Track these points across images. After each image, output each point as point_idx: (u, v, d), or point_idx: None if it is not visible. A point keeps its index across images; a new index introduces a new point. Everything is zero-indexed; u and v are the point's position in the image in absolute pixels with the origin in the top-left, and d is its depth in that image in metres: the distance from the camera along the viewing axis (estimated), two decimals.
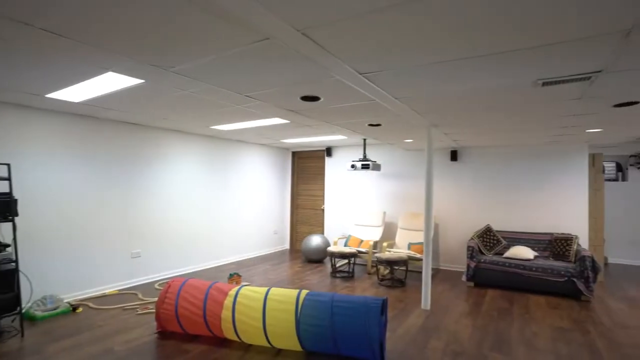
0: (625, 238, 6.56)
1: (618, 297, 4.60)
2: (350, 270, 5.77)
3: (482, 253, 5.36)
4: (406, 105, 3.27)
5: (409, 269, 6.04)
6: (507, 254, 5.07)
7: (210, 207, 6.07)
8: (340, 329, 2.78)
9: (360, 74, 2.41)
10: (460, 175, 6.23)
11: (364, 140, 5.90)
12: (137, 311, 3.88)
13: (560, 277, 4.56)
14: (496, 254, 5.38)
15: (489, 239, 5.47)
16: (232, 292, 3.14)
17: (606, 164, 6.69)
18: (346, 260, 6.54)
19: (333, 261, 5.65)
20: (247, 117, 4.12)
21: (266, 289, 3.14)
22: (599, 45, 1.91)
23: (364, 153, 5.98)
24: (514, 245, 5.45)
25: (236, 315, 3.00)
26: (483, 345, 3.20)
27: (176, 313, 3.17)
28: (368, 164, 5.65)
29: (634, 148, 6.51)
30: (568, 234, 5.14)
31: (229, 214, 6.45)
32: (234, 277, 4.67)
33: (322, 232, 7.52)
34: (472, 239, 5.49)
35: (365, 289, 4.90)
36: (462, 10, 1.55)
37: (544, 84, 2.54)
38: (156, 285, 4.84)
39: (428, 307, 4.15)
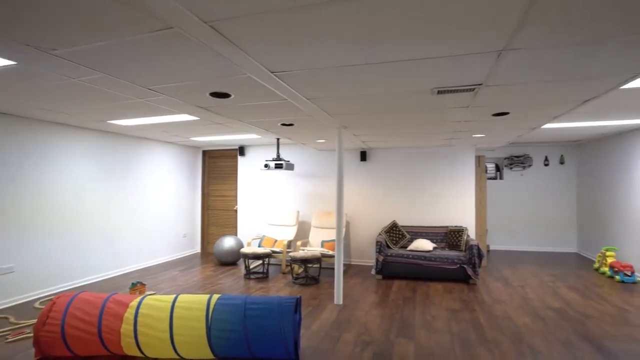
0: (503, 228, 7.69)
1: (496, 278, 5.37)
2: (265, 270, 5.71)
3: (389, 247, 5.77)
4: (317, 106, 3.35)
5: (323, 266, 6.21)
6: (410, 247, 5.55)
7: (109, 211, 5.43)
8: (254, 332, 2.72)
9: (272, 72, 2.39)
10: (370, 175, 6.63)
11: (278, 139, 5.89)
12: (6, 339, 3.26)
13: (454, 264, 5.15)
14: (401, 247, 5.85)
15: (395, 234, 5.91)
16: (134, 303, 2.85)
17: (488, 165, 7.76)
18: (260, 261, 6.45)
19: (247, 263, 5.53)
20: (151, 112, 3.79)
21: (173, 296, 2.92)
22: (479, 62, 2.19)
23: (278, 152, 5.98)
24: (416, 238, 5.98)
25: (139, 328, 2.72)
26: (390, 333, 3.44)
27: (63, 334, 2.75)
28: (281, 164, 5.66)
29: (508, 151, 7.68)
30: (459, 226, 5.83)
31: (132, 217, 5.86)
32: (137, 286, 4.25)
33: (236, 234, 7.31)
34: (380, 234, 5.88)
35: (280, 289, 4.90)
36: (369, 18, 1.63)
37: (439, 92, 2.83)
38: (36, 304, 4.15)
39: (341, 302, 4.32)
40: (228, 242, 6.29)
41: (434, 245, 5.73)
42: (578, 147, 7.30)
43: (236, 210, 7.36)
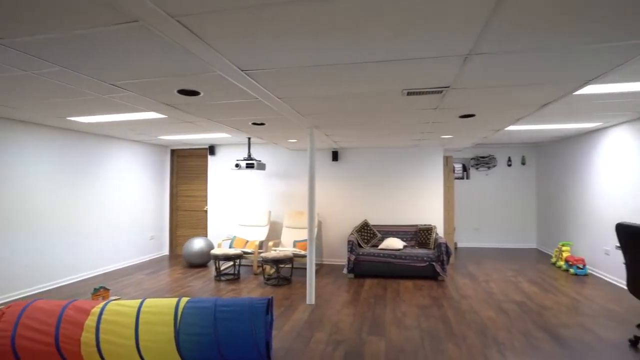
0: (470, 226, 7.98)
1: (463, 274, 5.57)
2: (236, 272, 5.62)
3: (360, 246, 5.84)
4: (289, 105, 3.33)
5: (295, 266, 6.18)
6: (381, 246, 5.64)
7: (69, 213, 5.15)
8: (225, 334, 2.66)
9: (243, 70, 2.35)
10: (341, 175, 6.68)
11: (249, 139, 5.82)
12: None
13: (423, 262, 5.28)
14: (373, 246, 5.93)
15: (366, 233, 5.99)
16: (96, 309, 2.72)
17: (455, 165, 8.03)
18: (231, 263, 6.34)
19: (217, 264, 5.42)
20: (115, 109, 3.63)
21: (139, 301, 2.81)
22: (446, 65, 2.26)
23: (249, 152, 5.90)
24: (387, 237, 6.09)
25: (101, 335, 2.60)
26: (362, 331, 3.48)
27: (13, 347, 2.58)
28: (253, 164, 5.59)
29: (474, 152, 7.98)
30: (429, 225, 5.99)
31: (94, 219, 5.59)
32: (100, 291, 4.06)
33: (206, 235, 7.15)
34: (351, 234, 5.94)
35: (251, 290, 4.83)
36: (340, 18, 1.64)
37: (408, 94, 2.89)
38: None
39: (313, 302, 4.32)
40: (198, 244, 6.14)
41: (404, 243, 5.86)
42: (538, 149, 7.70)
43: (206, 211, 7.20)
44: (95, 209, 5.63)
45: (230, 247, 5.98)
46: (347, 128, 4.55)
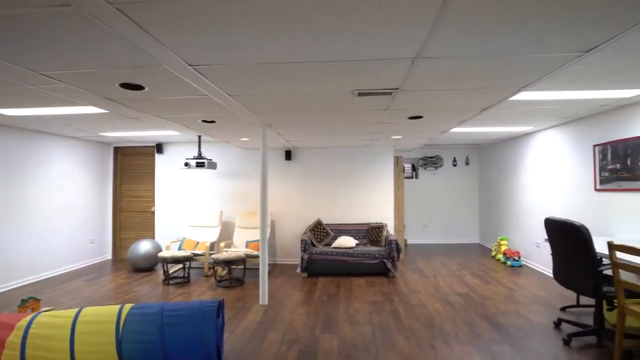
0: (419, 223, 8.33)
1: (413, 270, 5.80)
2: (186, 275, 5.40)
3: (313, 245, 5.87)
4: (240, 103, 3.26)
5: (248, 266, 6.07)
6: (334, 244, 5.71)
7: None
8: (172, 340, 2.54)
9: (190, 65, 2.26)
10: (294, 174, 6.67)
11: (199, 137, 5.61)
12: None
13: (375, 259, 5.43)
14: (326, 245, 5.99)
15: (320, 232, 6.03)
16: (22, 323, 2.47)
17: (405, 165, 8.34)
18: (181, 265, 6.08)
19: (165, 267, 5.17)
20: (46, 101, 3.32)
21: (76, 310, 2.60)
22: (395, 67, 2.33)
23: (199, 150, 5.70)
24: (340, 235, 6.18)
25: (29, 351, 2.37)
26: (316, 329, 3.50)
27: None
28: (203, 162, 5.41)
29: (422, 152, 8.35)
30: (380, 223, 6.16)
31: (26, 222, 5.08)
32: (29, 302, 3.70)
33: (153, 237, 6.79)
34: (305, 233, 5.95)
35: (202, 293, 4.67)
36: (287, 14, 1.63)
37: (359, 94, 2.95)
38: None
39: (266, 302, 4.27)
40: (144, 247, 5.81)
41: (357, 241, 5.98)
42: (480, 150, 8.23)
43: (153, 212, 6.84)
44: (25, 212, 5.11)
45: (179, 249, 5.74)
46: (300, 127, 4.55)
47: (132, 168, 7.00)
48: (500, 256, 6.33)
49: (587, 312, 3.87)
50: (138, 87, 2.78)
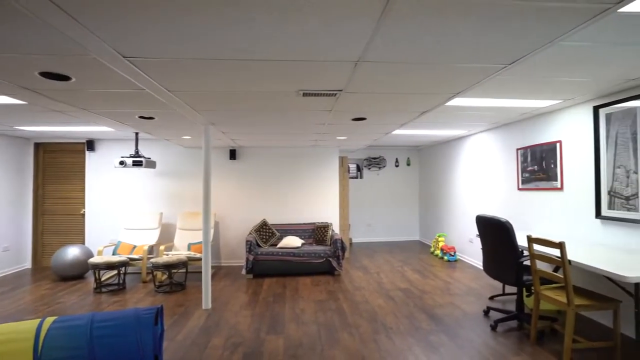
0: (363, 222, 8.58)
1: (357, 267, 5.96)
2: (121, 281, 5.03)
3: (259, 246, 5.79)
4: (181, 99, 3.11)
5: (190, 270, 5.84)
6: (280, 245, 5.68)
7: None
8: (104, 353, 2.35)
9: (125, 57, 2.11)
10: (239, 174, 6.52)
11: (136, 134, 5.27)
12: None
13: (320, 258, 5.48)
14: (272, 245, 5.93)
15: (265, 232, 5.96)
16: None
17: (350, 165, 8.54)
18: (115, 271, 5.65)
19: (97, 274, 4.77)
20: None
21: None
22: (339, 70, 2.38)
23: (136, 148, 5.34)
24: (286, 235, 6.16)
25: None
26: (261, 331, 3.45)
27: None
28: (141, 161, 5.08)
29: (366, 153, 8.61)
30: (325, 222, 6.24)
31: None
32: None
33: (83, 242, 6.24)
34: (250, 233, 5.85)
35: (139, 300, 4.38)
36: (224, 10, 1.58)
37: (304, 95, 2.96)
38: None
39: (209, 306, 4.12)
40: (72, 252, 5.31)
41: (303, 241, 6.00)
42: (420, 151, 8.69)
43: (83, 215, 6.28)
44: None
45: (114, 253, 5.33)
46: (245, 126, 4.45)
47: (57, 167, 6.36)
48: (438, 252, 6.74)
49: (511, 300, 4.26)
50: (63, 77, 2.53)
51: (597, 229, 3.57)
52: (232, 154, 6.42)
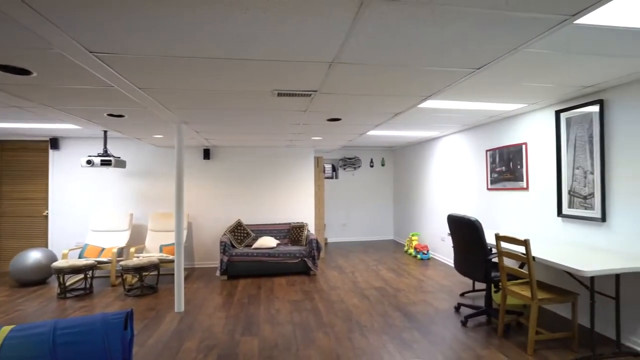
0: (338, 222, 8.63)
1: (332, 267, 6.00)
2: (88, 286, 4.83)
3: (234, 247, 5.71)
4: (153, 97, 3.03)
5: (162, 272, 5.69)
6: (255, 245, 5.63)
7: None
8: None
9: (92, 52, 2.03)
10: (213, 174, 6.42)
11: (105, 132, 5.07)
12: None
13: (296, 258, 5.48)
14: (246, 246, 5.87)
15: (240, 233, 5.90)
16: None
17: (326, 165, 8.58)
18: (82, 275, 5.43)
19: (62, 279, 4.56)
20: None
21: None
22: (314, 70, 2.39)
23: (105, 147, 5.15)
24: (261, 236, 6.11)
25: None
26: (236, 332, 3.41)
27: None
28: (110, 160, 4.90)
29: (342, 153, 8.67)
30: (301, 222, 6.24)
31: None
32: None
33: (46, 245, 5.94)
34: (224, 234, 5.77)
35: (108, 305, 4.23)
36: (204, 8, 1.56)
37: (279, 94, 2.95)
38: None
39: (182, 309, 4.03)
40: (33, 256, 5.05)
41: (278, 241, 5.98)
42: (394, 152, 8.84)
43: (47, 216, 5.99)
44: None
45: (80, 257, 5.12)
46: (219, 126, 4.39)
47: (17, 166, 6.02)
48: (411, 251, 6.88)
49: (480, 296, 4.42)
50: (24, 72, 2.41)
51: (558, 226, 3.76)
52: (206, 154, 6.31)
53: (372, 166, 8.78)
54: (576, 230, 3.55)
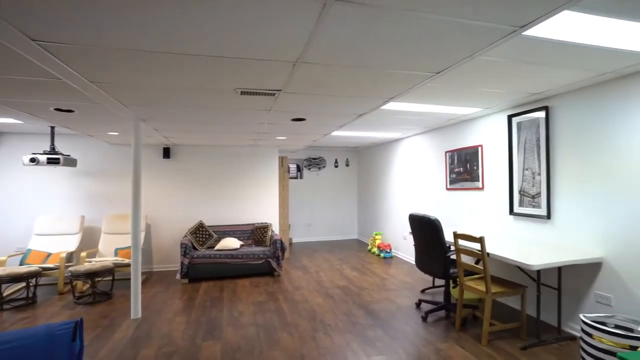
0: (303, 222, 8.62)
1: (297, 267, 5.98)
2: (31, 295, 4.48)
3: (195, 249, 5.54)
4: (106, 92, 2.86)
5: (118, 277, 5.40)
6: (217, 247, 5.49)
7: None
8: None
9: (35, 41, 1.88)
10: (174, 173, 6.18)
11: (52, 128, 4.73)
12: None
13: (260, 259, 5.41)
14: (209, 247, 5.71)
15: (202, 234, 5.73)
16: None
17: (290, 165, 8.54)
18: (23, 284, 5.01)
19: None
20: None
21: None
22: (278, 69, 2.37)
23: (52, 144, 4.79)
24: (224, 237, 5.97)
25: None
26: (197, 337, 3.30)
27: None
28: (58, 159, 4.57)
29: (306, 153, 8.67)
30: (265, 223, 6.17)
31: None
32: None
33: None
34: (185, 236, 5.57)
35: (54, 315, 3.94)
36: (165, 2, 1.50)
37: (242, 93, 2.89)
38: None
39: (139, 315, 3.84)
40: None
41: (241, 242, 5.87)
42: (358, 152, 8.97)
43: None
44: None
45: (22, 263, 4.73)
46: (179, 124, 4.23)
47: None
48: (375, 249, 7.01)
49: (440, 292, 4.59)
50: None
51: (510, 224, 3.99)
52: (166, 152, 6.06)
53: (336, 166, 8.86)
54: (526, 227, 3.78)
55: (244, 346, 3.11)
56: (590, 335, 2.32)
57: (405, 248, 6.50)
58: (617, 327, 2.45)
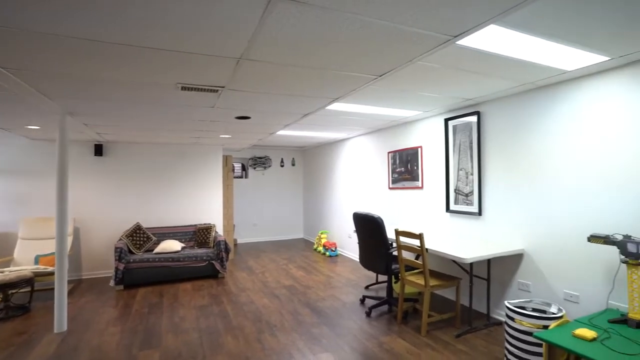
0: (249, 222, 8.46)
1: (242, 268, 5.85)
2: None
3: (132, 252, 5.18)
4: (25, 82, 2.57)
5: (39, 287, 4.87)
6: (157, 250, 5.19)
7: None
8: None
9: None
10: (107, 172, 5.73)
11: None
12: None
13: (203, 262, 5.20)
14: (147, 251, 5.38)
15: (139, 237, 5.37)
16: None
17: (235, 164, 8.34)
18: None
19: None
20: None
21: None
22: (221, 65, 2.29)
23: None
24: (164, 240, 5.66)
25: None
26: (133, 347, 3.09)
27: None
28: None
29: (252, 153, 8.52)
30: (208, 224, 5.95)
31: None
32: None
33: None
34: (120, 239, 5.19)
35: None
36: None
37: (182, 88, 2.76)
38: None
39: (64, 328, 3.50)
40: None
41: (183, 244, 5.62)
42: (304, 152, 9.01)
43: None
44: None
45: None
46: (113, 119, 3.93)
47: None
48: (320, 248, 7.09)
49: (383, 287, 4.77)
50: None
51: (447, 220, 4.26)
52: (98, 150, 5.59)
53: (282, 166, 8.82)
54: (460, 223, 4.07)
55: (186, 353, 2.97)
56: (512, 319, 2.56)
57: (350, 246, 6.66)
58: (534, 310, 2.73)
